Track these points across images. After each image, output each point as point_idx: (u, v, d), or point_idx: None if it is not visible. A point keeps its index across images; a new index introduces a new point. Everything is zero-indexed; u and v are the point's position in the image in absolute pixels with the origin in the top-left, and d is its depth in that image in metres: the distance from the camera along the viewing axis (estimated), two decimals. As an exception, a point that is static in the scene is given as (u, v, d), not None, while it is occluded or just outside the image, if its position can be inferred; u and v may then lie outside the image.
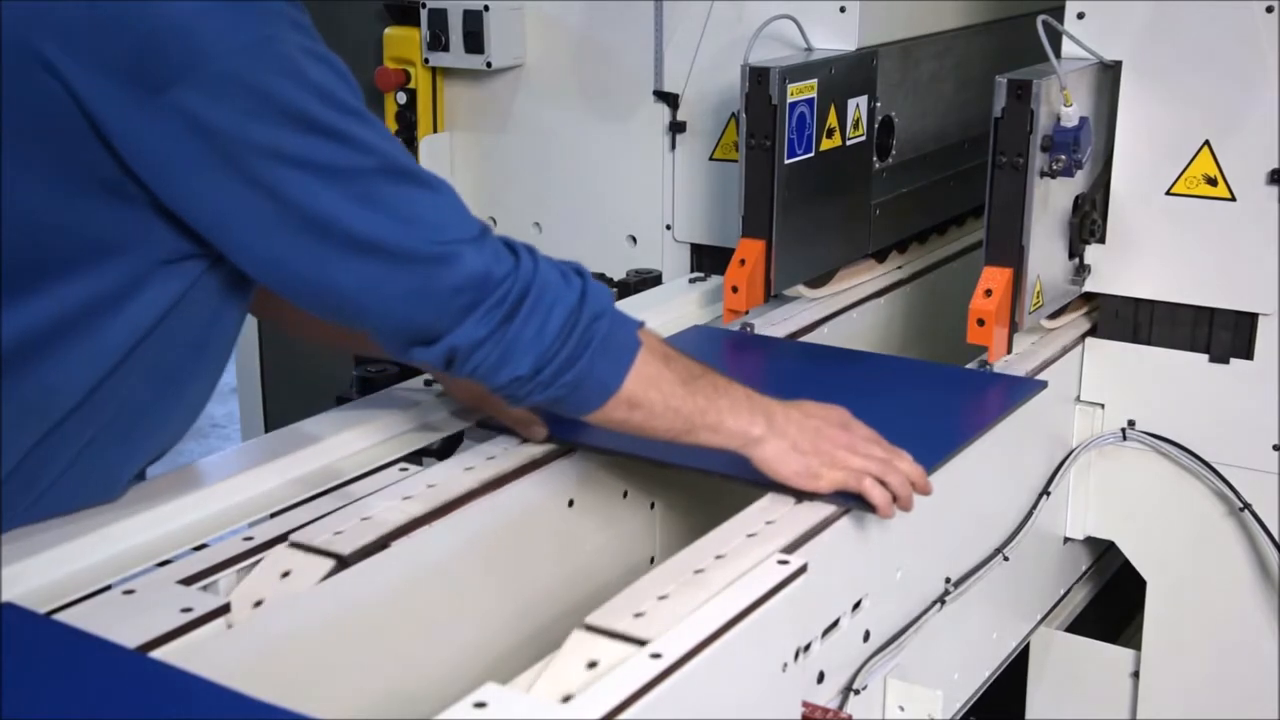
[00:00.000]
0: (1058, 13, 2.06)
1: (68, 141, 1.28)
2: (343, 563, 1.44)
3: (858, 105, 2.29)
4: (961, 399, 1.94)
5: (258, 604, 1.40)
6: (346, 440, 1.70)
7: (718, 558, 1.43)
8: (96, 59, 1.24)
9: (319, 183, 1.30)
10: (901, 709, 1.66)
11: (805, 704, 1.48)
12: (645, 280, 2.50)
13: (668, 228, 2.67)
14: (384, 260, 1.34)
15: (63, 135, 1.27)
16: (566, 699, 1.19)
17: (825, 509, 1.55)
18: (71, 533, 1.42)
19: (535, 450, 1.71)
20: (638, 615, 1.30)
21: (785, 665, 1.43)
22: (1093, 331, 2.20)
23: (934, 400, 1.92)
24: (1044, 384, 1.98)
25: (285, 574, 1.43)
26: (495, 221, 2.88)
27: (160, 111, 1.25)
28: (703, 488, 1.95)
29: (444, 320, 1.39)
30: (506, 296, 1.39)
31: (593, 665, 1.24)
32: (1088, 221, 2.10)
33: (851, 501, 1.56)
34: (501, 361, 1.41)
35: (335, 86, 1.32)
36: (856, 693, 1.59)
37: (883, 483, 1.56)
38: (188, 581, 1.40)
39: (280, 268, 1.35)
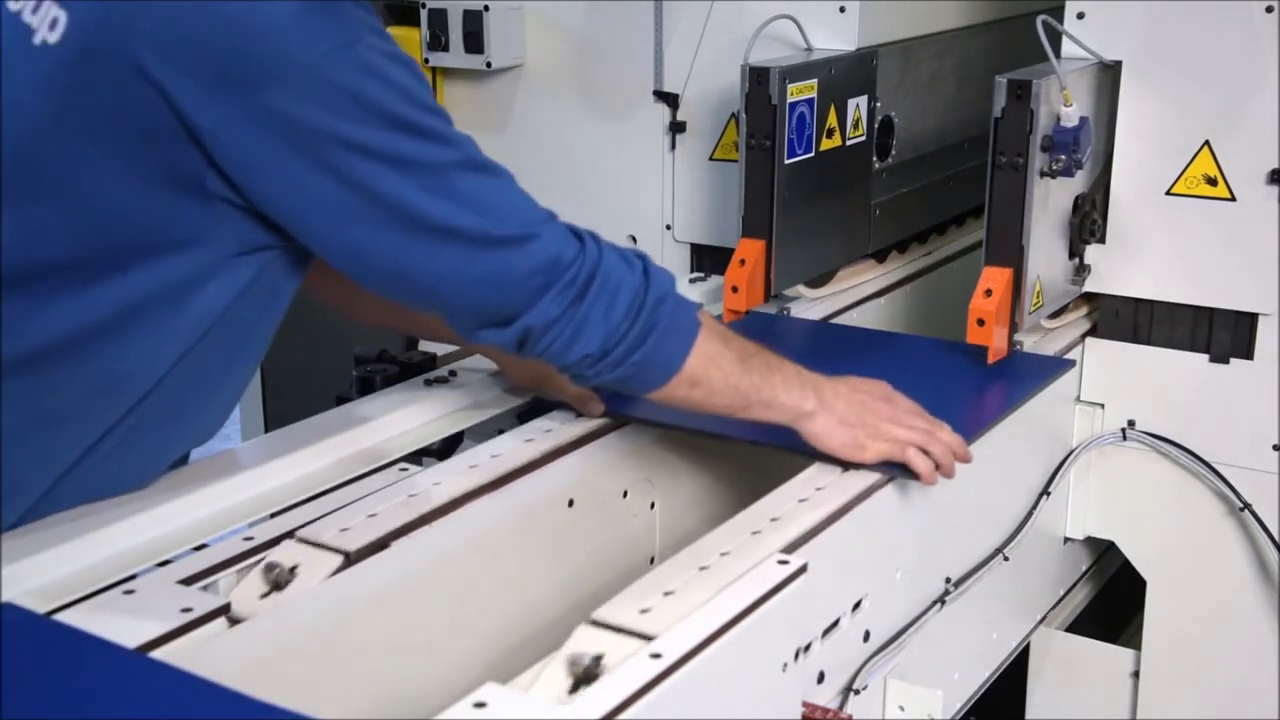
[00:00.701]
0: (1058, 13, 2.06)
1: (157, 140, 1.34)
2: (348, 559, 1.44)
3: (858, 105, 2.29)
4: (991, 376, 1.98)
5: (263, 596, 1.39)
6: (346, 440, 1.70)
7: (722, 555, 1.43)
8: (191, 63, 1.31)
9: (404, 175, 1.38)
10: (901, 709, 1.66)
11: (805, 704, 1.48)
12: (645, 280, 2.49)
13: (668, 228, 2.67)
14: (464, 246, 1.42)
15: (153, 135, 1.33)
16: (571, 692, 1.19)
17: (869, 478, 1.63)
18: (71, 533, 1.42)
19: (535, 450, 1.71)
20: (644, 611, 1.30)
21: (785, 665, 1.43)
22: (1093, 331, 2.20)
23: (965, 378, 1.98)
24: (1072, 363, 2.06)
25: (292, 568, 1.43)
26: (495, 221, 2.88)
27: (252, 111, 1.32)
28: (703, 488, 1.95)
29: (519, 302, 1.46)
30: (576, 278, 1.47)
31: (598, 659, 1.24)
32: (1088, 221, 2.10)
33: (896, 470, 1.64)
34: (572, 340, 1.48)
35: (414, 86, 1.40)
36: (856, 693, 1.59)
37: (925, 452, 1.64)
38: (188, 581, 1.40)
39: (365, 256, 1.43)
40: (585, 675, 1.22)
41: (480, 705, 1.15)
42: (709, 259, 2.61)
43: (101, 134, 1.34)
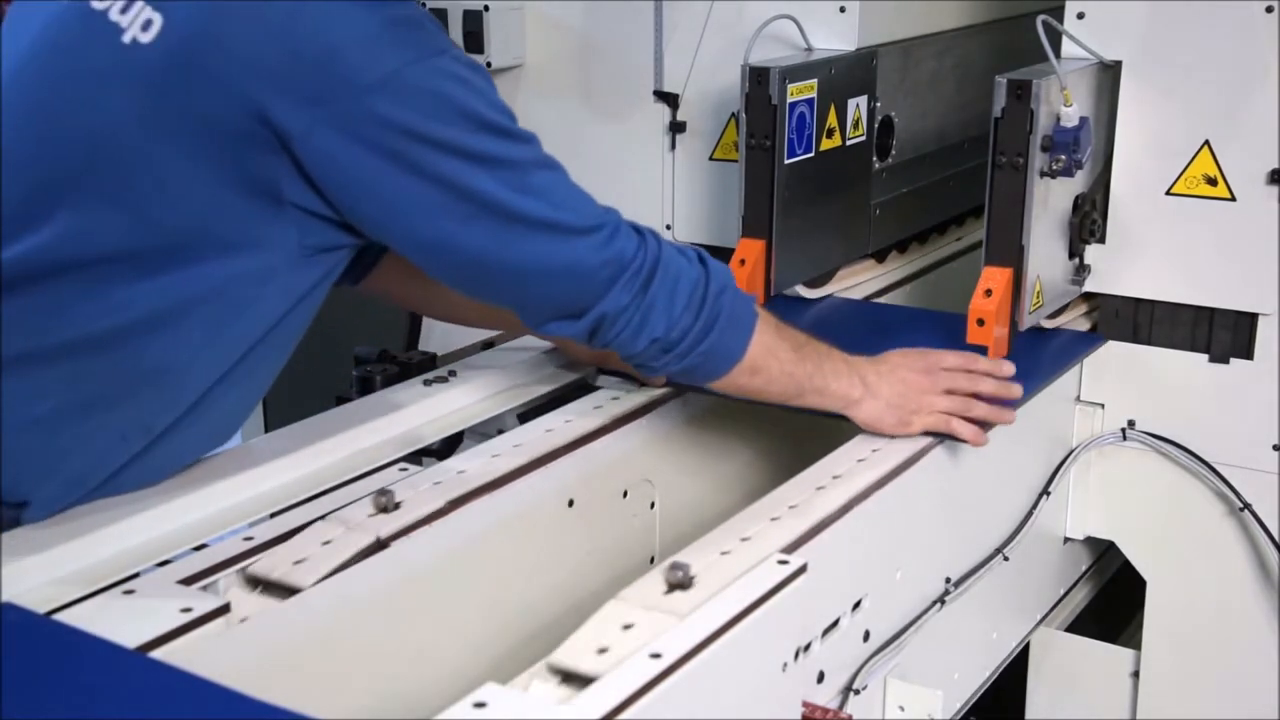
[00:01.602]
0: (1058, 13, 2.06)
1: (241, 146, 1.40)
2: (344, 564, 1.44)
3: (858, 105, 2.29)
4: (1026, 350, 2.01)
5: (258, 596, 1.40)
6: (347, 440, 1.70)
7: (722, 554, 1.43)
8: (285, 74, 1.38)
9: (489, 172, 1.46)
10: (901, 709, 1.67)
11: (805, 704, 1.48)
12: (645, 280, 2.49)
13: (668, 228, 2.67)
14: (546, 238, 1.50)
15: (239, 140, 1.39)
16: (571, 692, 1.19)
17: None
18: (71, 533, 1.42)
19: (535, 450, 1.71)
20: (601, 651, 1.30)
21: (785, 665, 1.43)
22: (1093, 331, 2.20)
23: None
24: (1103, 339, 2.13)
25: (298, 561, 1.43)
26: (495, 221, 2.88)
27: (344, 117, 1.39)
28: (703, 488, 1.95)
29: (593, 291, 1.54)
30: (642, 268, 1.55)
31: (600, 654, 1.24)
32: (1088, 221, 2.10)
33: (945, 438, 1.75)
34: (640, 327, 1.56)
35: (491, 90, 1.50)
36: (856, 693, 1.59)
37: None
38: (188, 581, 1.40)
39: (449, 252, 1.50)
40: (681, 583, 1.32)
41: (480, 705, 1.15)
42: (709, 259, 2.61)
43: (184, 136, 1.39)
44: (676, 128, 2.61)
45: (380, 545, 1.48)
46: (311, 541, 1.47)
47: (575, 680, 1.23)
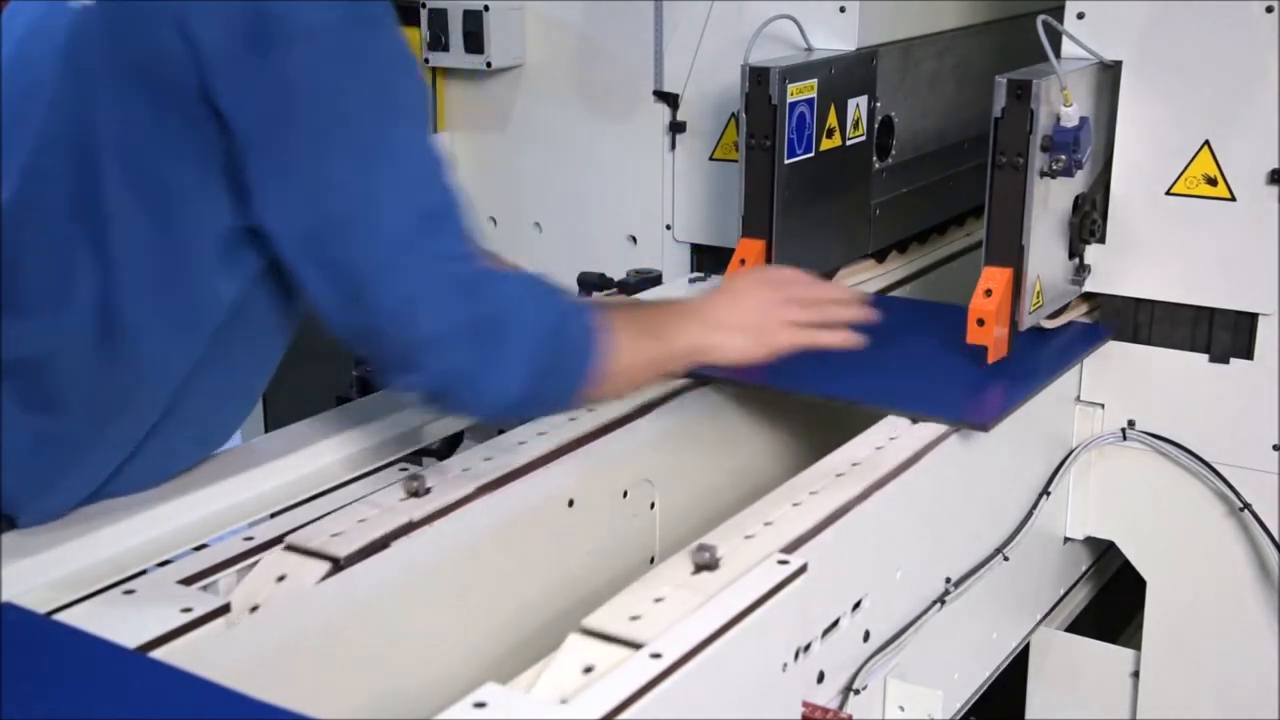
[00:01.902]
0: (1058, 13, 2.06)
1: (177, 97, 1.36)
2: (338, 565, 1.44)
3: (858, 105, 2.29)
4: (1029, 346, 2.01)
5: (255, 607, 1.40)
6: (346, 440, 1.70)
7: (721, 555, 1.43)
8: (218, 22, 1.34)
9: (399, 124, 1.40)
10: (901, 709, 1.66)
11: (805, 704, 1.48)
12: (645, 280, 2.49)
13: (668, 228, 2.67)
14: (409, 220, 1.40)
15: (174, 91, 1.36)
16: (571, 693, 1.19)
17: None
18: (71, 533, 1.42)
19: (535, 450, 1.70)
20: (634, 618, 1.30)
21: (785, 665, 1.43)
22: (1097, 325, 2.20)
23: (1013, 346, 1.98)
24: (1110, 332, 2.12)
25: (281, 578, 1.43)
26: (495, 221, 2.88)
27: (265, 71, 1.34)
28: (703, 488, 1.95)
29: (415, 346, 1.41)
30: (477, 330, 1.42)
31: (589, 671, 1.24)
32: (1088, 221, 2.10)
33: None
34: (481, 397, 1.45)
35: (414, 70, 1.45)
36: (856, 693, 1.59)
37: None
38: (188, 581, 1.40)
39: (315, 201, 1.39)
40: (708, 564, 1.36)
41: (480, 705, 1.15)
42: (709, 259, 2.61)
43: (130, 87, 1.37)
44: (676, 128, 2.61)
45: (381, 545, 1.48)
46: (315, 536, 1.47)
47: (612, 641, 1.25)
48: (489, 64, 2.70)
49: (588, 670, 1.23)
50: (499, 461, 1.67)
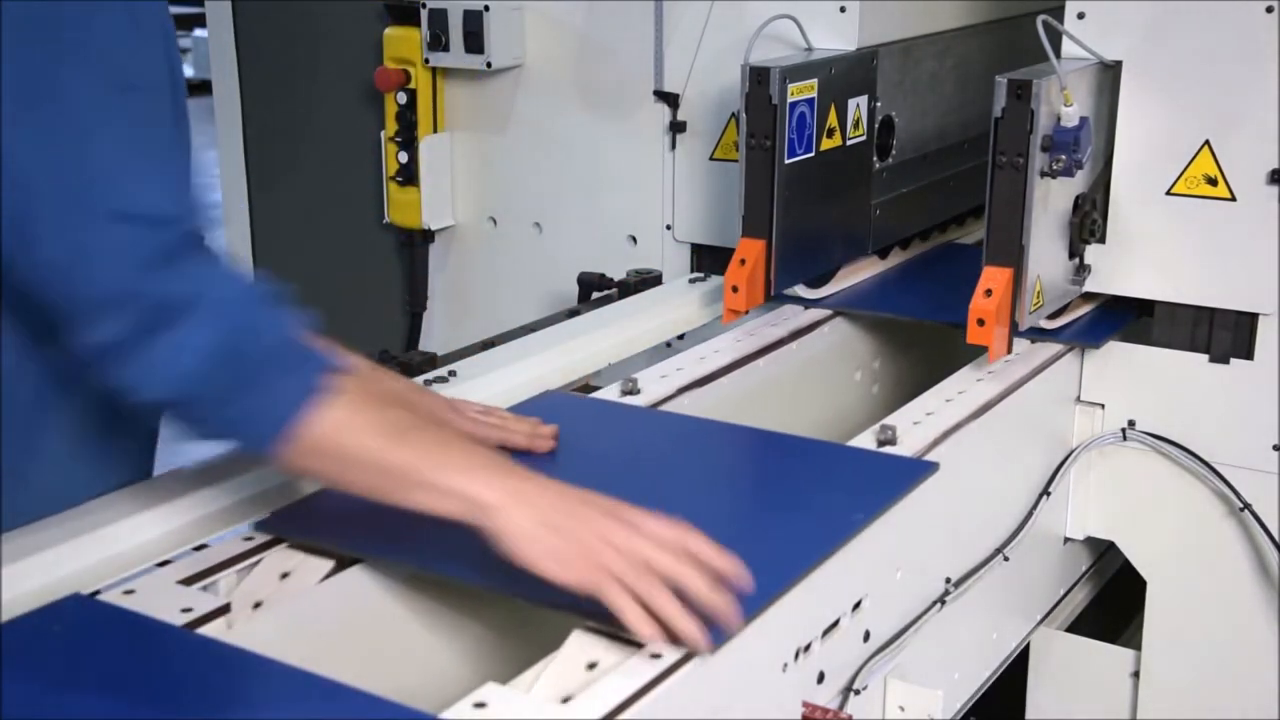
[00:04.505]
0: (1058, 13, 2.06)
1: None
2: (346, 560, 1.44)
3: (858, 105, 2.29)
4: (837, 488, 1.65)
5: (257, 605, 1.40)
6: (346, 440, 1.69)
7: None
8: None
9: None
10: (901, 709, 1.66)
11: (805, 704, 1.48)
12: (645, 280, 2.50)
13: (668, 228, 2.67)
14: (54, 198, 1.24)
15: None
16: (571, 694, 1.19)
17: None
18: (72, 532, 1.42)
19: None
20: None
21: (785, 665, 1.43)
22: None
23: (803, 491, 1.65)
24: (935, 466, 1.70)
25: (284, 575, 1.43)
26: (495, 221, 2.88)
27: None
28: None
29: (83, 303, 1.25)
30: (159, 303, 1.24)
31: (597, 663, 1.24)
32: (1088, 221, 2.10)
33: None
34: (143, 377, 1.25)
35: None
36: (856, 693, 1.59)
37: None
38: (188, 581, 1.40)
39: None
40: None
41: (480, 705, 1.15)
42: (709, 259, 2.61)
43: None
44: (676, 128, 2.61)
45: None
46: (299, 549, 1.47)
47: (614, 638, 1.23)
48: (489, 64, 2.70)
49: (591, 667, 1.23)
50: (499, 461, 1.67)
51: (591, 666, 1.24)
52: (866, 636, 1.63)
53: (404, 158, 2.84)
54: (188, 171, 1.35)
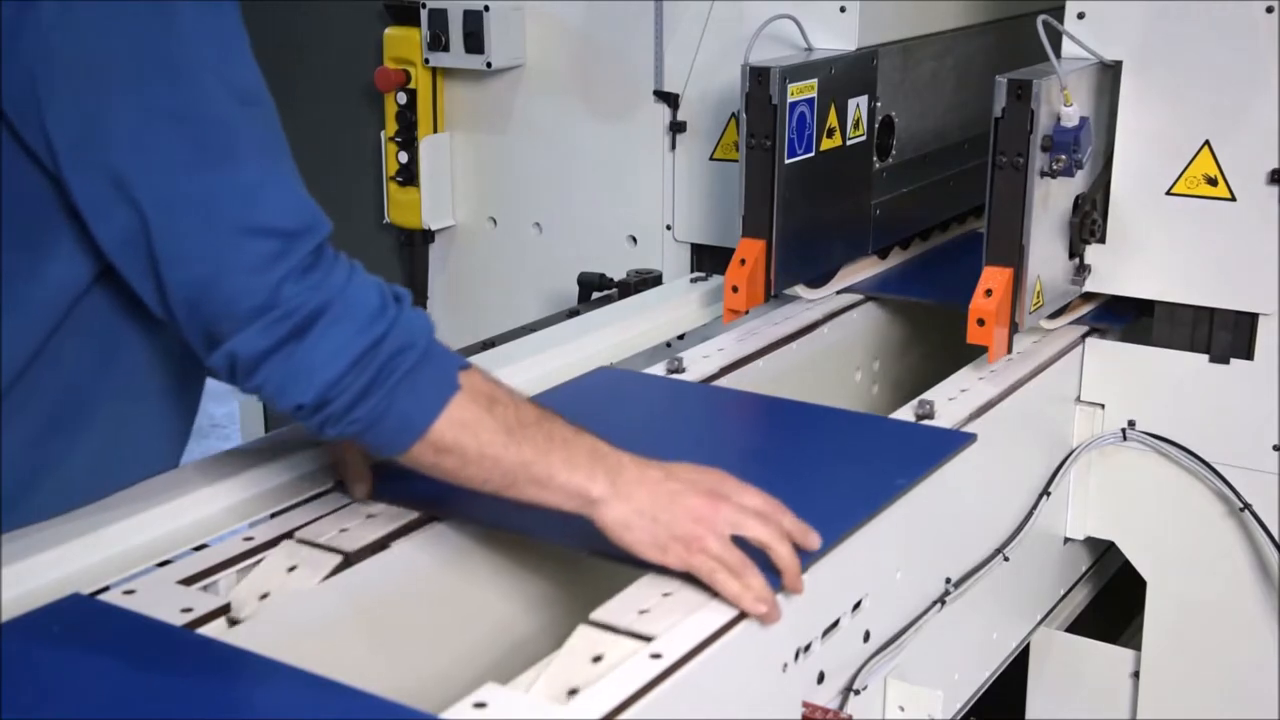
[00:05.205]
0: (1058, 13, 2.06)
1: None
2: (347, 560, 1.44)
3: (858, 105, 2.29)
4: (879, 457, 1.75)
5: (263, 596, 1.40)
6: (346, 440, 1.70)
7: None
8: None
9: (161, 125, 1.27)
10: (901, 709, 1.66)
11: (805, 704, 1.48)
12: (645, 280, 2.50)
13: (668, 228, 2.67)
14: (198, 218, 1.28)
15: None
16: (571, 692, 1.19)
17: None
18: (71, 533, 1.42)
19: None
20: (642, 612, 1.31)
21: (785, 665, 1.43)
22: (1093, 331, 2.20)
23: (848, 458, 1.74)
24: (973, 436, 1.80)
25: (291, 568, 1.43)
26: (495, 221, 2.88)
27: (25, 26, 1.24)
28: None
29: (228, 318, 1.29)
30: (294, 312, 1.28)
31: (597, 659, 1.24)
32: (1088, 221, 2.10)
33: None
34: (285, 384, 1.30)
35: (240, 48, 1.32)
36: (856, 693, 1.59)
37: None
38: (188, 581, 1.40)
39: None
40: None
41: (480, 705, 1.15)
42: (709, 259, 2.62)
43: None
44: (676, 128, 2.61)
45: (381, 545, 1.48)
46: (316, 536, 1.47)
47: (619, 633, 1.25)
48: (489, 64, 2.70)
49: (596, 659, 1.24)
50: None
51: (597, 659, 1.24)
52: (866, 636, 1.63)
53: (404, 158, 2.84)
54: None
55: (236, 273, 1.27)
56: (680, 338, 2.31)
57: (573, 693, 1.20)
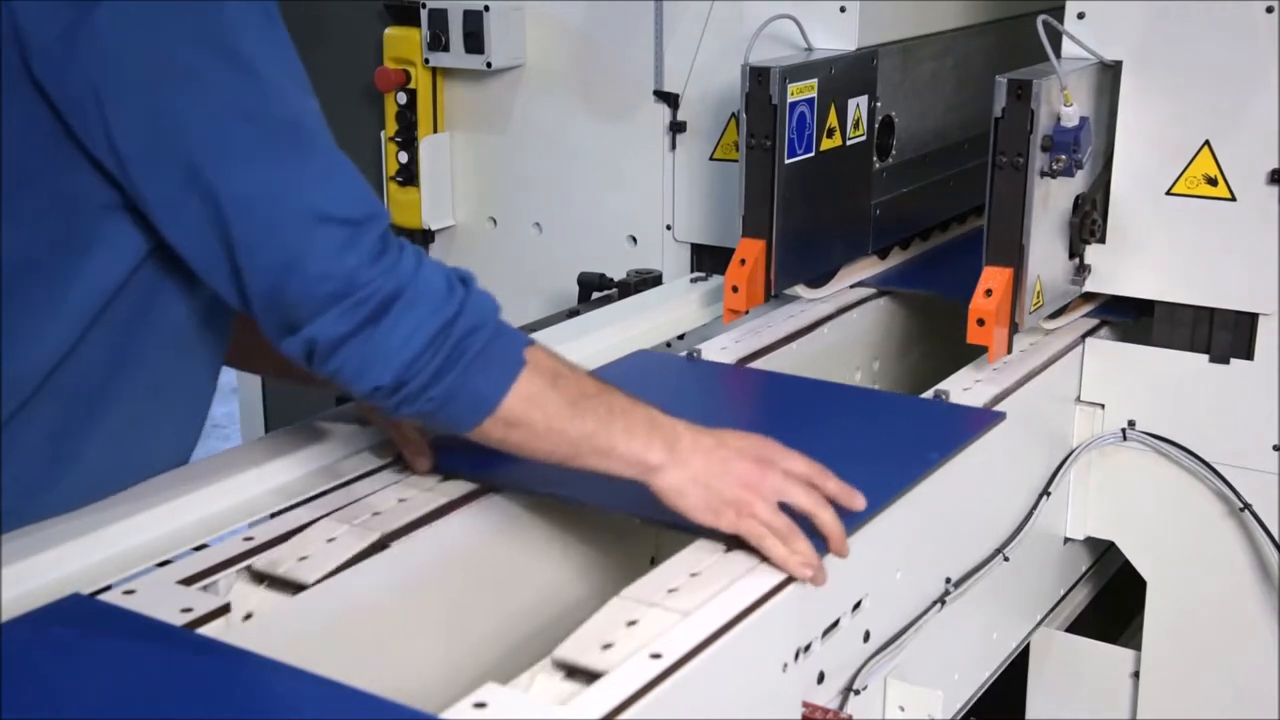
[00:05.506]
0: (1058, 13, 2.06)
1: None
2: (355, 557, 1.44)
3: (858, 105, 2.29)
4: (911, 434, 1.82)
5: (268, 582, 1.40)
6: (346, 440, 1.70)
7: (726, 552, 1.43)
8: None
9: (227, 115, 1.30)
10: (901, 709, 1.66)
11: (805, 704, 1.48)
12: (645, 280, 2.50)
13: (668, 228, 2.67)
14: (269, 210, 1.31)
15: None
16: (571, 692, 1.19)
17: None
18: (71, 533, 1.42)
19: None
20: (645, 608, 1.31)
21: (785, 665, 1.43)
22: (1093, 332, 2.20)
23: (880, 435, 1.82)
24: (1002, 415, 1.88)
25: (302, 559, 1.43)
26: (495, 221, 2.88)
27: (82, 32, 1.26)
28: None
29: (307, 305, 1.32)
30: (371, 297, 1.32)
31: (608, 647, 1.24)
32: (1088, 221, 2.10)
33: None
34: (363, 367, 1.34)
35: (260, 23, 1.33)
36: (856, 693, 1.59)
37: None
38: (188, 581, 1.40)
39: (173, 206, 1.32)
40: None
41: (480, 705, 1.15)
42: (709, 259, 2.62)
43: None
44: (676, 128, 2.61)
45: (381, 545, 1.48)
46: (314, 539, 1.47)
47: (579, 675, 1.23)
48: (489, 64, 2.70)
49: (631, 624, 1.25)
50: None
51: (633, 622, 1.25)
52: (866, 636, 1.63)
53: (404, 158, 2.84)
54: None
55: (312, 260, 1.31)
56: (680, 338, 2.31)
57: (573, 693, 1.20)
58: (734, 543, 1.45)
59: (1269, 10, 1.97)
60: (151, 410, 1.49)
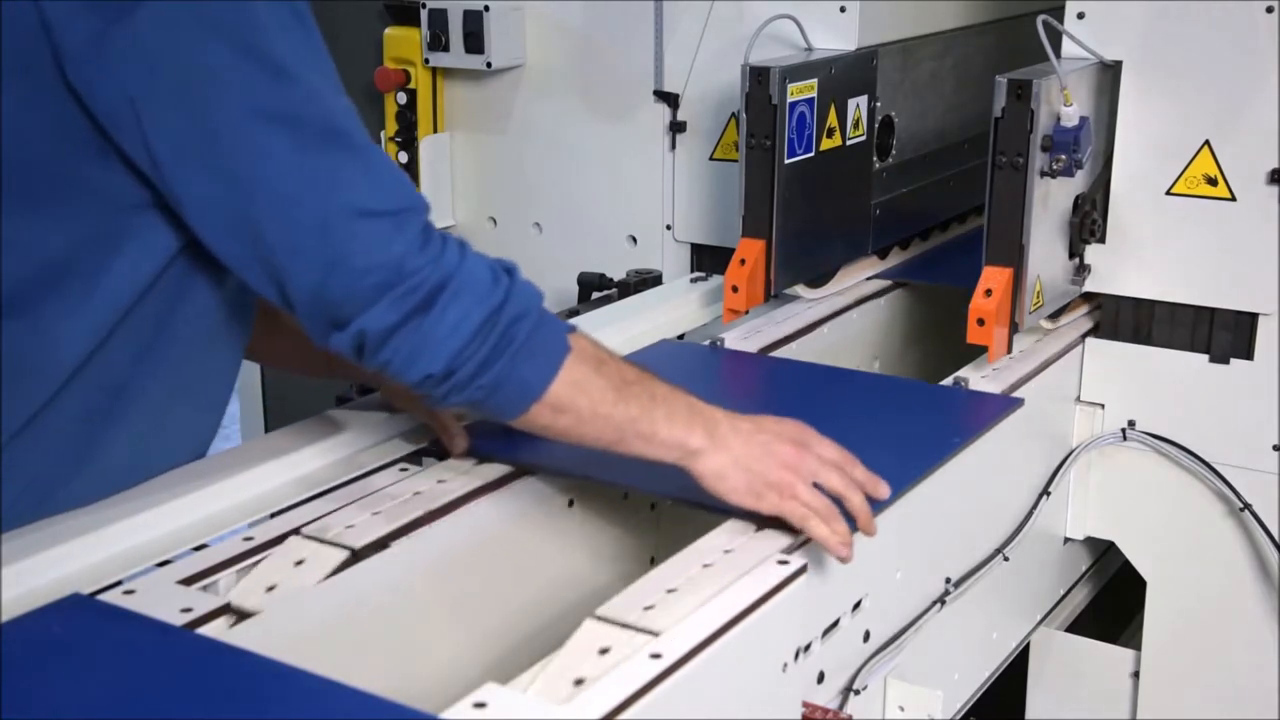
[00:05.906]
0: (1058, 13, 2.06)
1: (33, 70, 1.29)
2: (354, 555, 1.44)
3: (858, 105, 2.29)
4: (933, 419, 1.87)
5: (270, 589, 1.40)
6: (346, 440, 1.70)
7: (725, 553, 1.43)
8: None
9: (268, 122, 1.30)
10: (901, 709, 1.67)
11: (805, 704, 1.48)
12: (645, 280, 2.50)
13: (668, 228, 2.67)
14: (311, 213, 1.32)
15: (30, 63, 1.28)
16: (577, 682, 1.19)
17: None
18: (71, 532, 1.42)
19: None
20: (648, 608, 1.31)
21: (785, 665, 1.43)
22: (1093, 331, 2.20)
23: (904, 420, 1.86)
24: (1020, 401, 1.92)
25: (299, 562, 1.43)
26: (495, 221, 2.88)
27: (117, 32, 1.27)
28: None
29: (356, 298, 1.34)
30: (420, 286, 1.34)
31: (604, 652, 1.24)
32: (1088, 221, 2.10)
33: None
34: (414, 356, 1.36)
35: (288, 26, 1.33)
36: (856, 693, 1.59)
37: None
38: (188, 581, 1.40)
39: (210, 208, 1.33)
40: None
41: (480, 705, 1.15)
42: (709, 259, 2.62)
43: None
44: (676, 128, 2.61)
45: (381, 545, 1.48)
46: (312, 539, 1.47)
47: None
48: (489, 64, 2.70)
49: (603, 652, 1.24)
50: (500, 461, 1.67)
51: (606, 650, 1.24)
52: (866, 636, 1.63)
53: (404, 158, 2.84)
54: None
55: (357, 254, 1.32)
56: (680, 338, 2.31)
57: (574, 691, 1.20)
58: (734, 542, 1.45)
59: (1269, 10, 1.97)
60: (175, 403, 1.51)
